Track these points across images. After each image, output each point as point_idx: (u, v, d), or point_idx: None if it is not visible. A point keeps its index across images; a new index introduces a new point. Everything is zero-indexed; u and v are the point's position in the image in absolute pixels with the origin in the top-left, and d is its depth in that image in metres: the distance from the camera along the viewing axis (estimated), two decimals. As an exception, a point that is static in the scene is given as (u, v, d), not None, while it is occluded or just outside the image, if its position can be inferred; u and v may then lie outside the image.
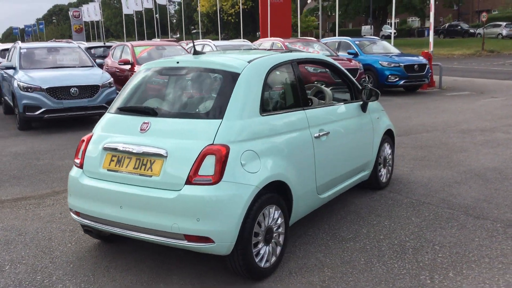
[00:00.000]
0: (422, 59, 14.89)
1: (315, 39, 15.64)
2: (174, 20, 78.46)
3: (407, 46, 35.62)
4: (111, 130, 3.73)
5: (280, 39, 14.83)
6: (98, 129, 3.85)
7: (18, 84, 9.44)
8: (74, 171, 3.80)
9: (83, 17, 54.03)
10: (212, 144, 3.27)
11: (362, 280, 3.49)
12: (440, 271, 3.58)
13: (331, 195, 4.45)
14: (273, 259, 3.60)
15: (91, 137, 3.81)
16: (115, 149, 3.56)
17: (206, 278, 3.57)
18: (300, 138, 3.87)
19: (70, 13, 55.99)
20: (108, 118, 3.88)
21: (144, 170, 3.39)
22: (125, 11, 45.81)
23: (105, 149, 3.62)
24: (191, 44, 14.71)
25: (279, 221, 3.63)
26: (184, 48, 12.63)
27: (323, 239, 4.19)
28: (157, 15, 46.95)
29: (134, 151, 3.46)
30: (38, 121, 9.76)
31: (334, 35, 55.16)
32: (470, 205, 4.95)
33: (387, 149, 5.52)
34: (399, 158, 6.95)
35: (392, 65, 14.40)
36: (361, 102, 4.90)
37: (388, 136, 5.57)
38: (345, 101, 4.95)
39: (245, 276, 3.44)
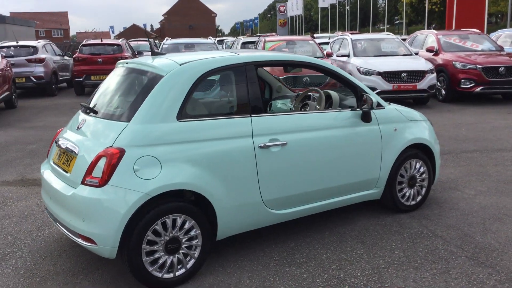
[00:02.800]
0: None
1: (478, 30, 13.63)
2: (381, 11, 76.54)
3: None
4: (68, 125, 4.04)
5: (434, 31, 13.43)
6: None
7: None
8: (45, 161, 4.23)
9: (287, 11, 56.67)
10: (111, 146, 3.31)
11: (253, 311, 3.15)
12: (346, 320, 3.00)
13: (301, 212, 4.05)
14: (181, 271, 3.47)
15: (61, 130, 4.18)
16: (58, 143, 3.86)
17: (123, 278, 3.62)
18: (234, 147, 3.61)
19: (277, 8, 59.29)
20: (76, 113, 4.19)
21: (66, 165, 3.61)
22: (321, 4, 46.56)
23: (55, 142, 3.95)
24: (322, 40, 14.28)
25: (192, 233, 3.48)
26: (316, 43, 12.41)
27: (271, 259, 3.85)
28: (348, 7, 46.51)
29: (63, 146, 3.71)
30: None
31: None
32: (491, 247, 3.93)
33: (417, 167, 4.68)
34: (482, 177, 5.81)
35: None
36: (361, 111, 4.27)
37: (422, 151, 4.72)
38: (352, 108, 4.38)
39: (140, 282, 3.41)
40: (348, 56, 12.30)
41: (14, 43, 15.65)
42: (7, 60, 13.34)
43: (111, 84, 4.01)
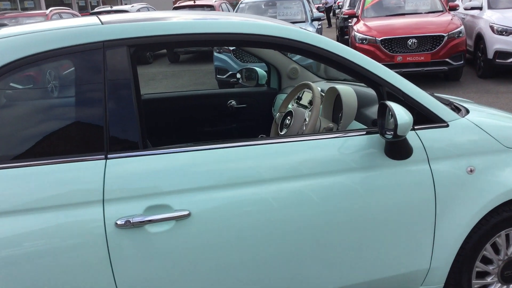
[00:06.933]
0: None
1: None
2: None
3: None
4: None
5: None
6: None
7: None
8: None
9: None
10: None
11: None
12: None
13: None
14: None
15: None
16: None
17: None
18: (57, 228, 1.68)
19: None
20: None
21: None
22: None
23: None
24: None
25: None
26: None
27: None
28: None
29: None
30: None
31: None
32: None
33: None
34: None
35: None
36: (385, 137, 1.99)
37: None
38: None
39: None
40: (480, 8, 9.16)
41: (108, 8, 15.04)
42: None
43: None
